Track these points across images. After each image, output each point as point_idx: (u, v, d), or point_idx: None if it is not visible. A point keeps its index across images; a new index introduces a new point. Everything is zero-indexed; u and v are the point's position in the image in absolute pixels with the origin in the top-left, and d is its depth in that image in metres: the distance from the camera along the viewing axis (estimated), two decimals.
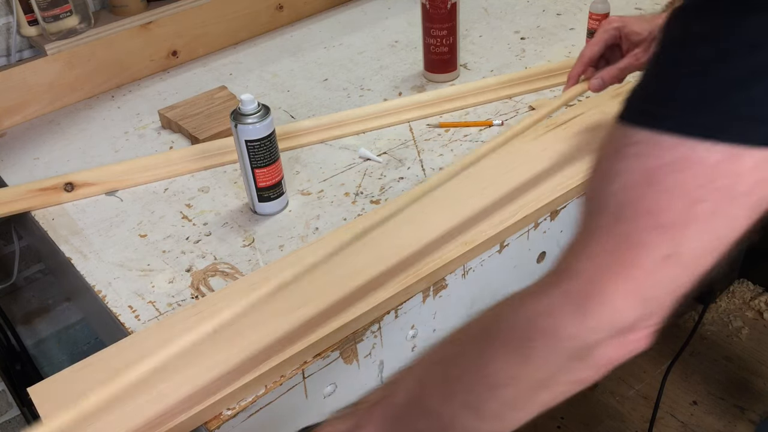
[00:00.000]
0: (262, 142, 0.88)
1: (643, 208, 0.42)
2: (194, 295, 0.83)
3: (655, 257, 0.42)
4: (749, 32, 0.39)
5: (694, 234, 0.42)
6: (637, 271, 0.43)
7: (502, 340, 0.48)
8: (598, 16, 1.23)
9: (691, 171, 0.41)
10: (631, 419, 1.68)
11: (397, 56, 1.31)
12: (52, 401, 0.69)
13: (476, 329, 0.51)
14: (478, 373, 0.49)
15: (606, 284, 0.43)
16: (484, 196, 0.90)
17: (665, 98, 0.42)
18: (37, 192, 1.00)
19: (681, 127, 0.41)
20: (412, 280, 0.80)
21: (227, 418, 0.69)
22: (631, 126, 0.43)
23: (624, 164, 0.43)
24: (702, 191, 0.41)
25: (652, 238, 0.42)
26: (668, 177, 0.41)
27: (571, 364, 0.46)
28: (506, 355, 0.47)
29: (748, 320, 1.88)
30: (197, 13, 1.33)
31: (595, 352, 0.46)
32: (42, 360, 1.49)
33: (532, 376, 0.47)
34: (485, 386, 0.49)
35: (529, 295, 0.48)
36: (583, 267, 0.45)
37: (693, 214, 0.41)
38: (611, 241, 0.43)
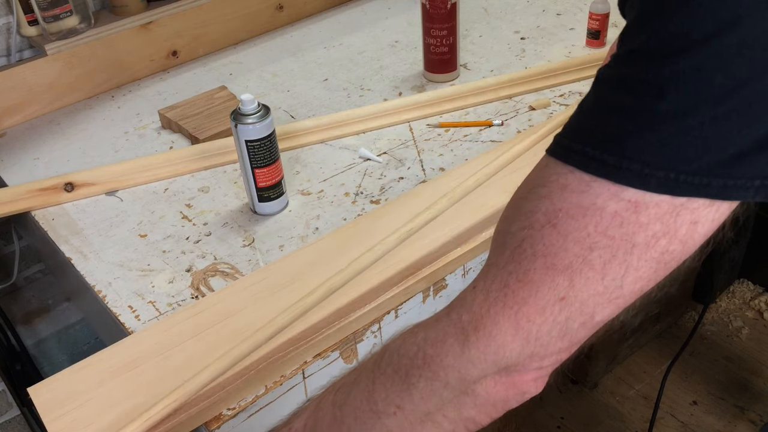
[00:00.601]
0: (262, 142, 0.88)
1: (540, 249, 0.43)
2: (194, 295, 0.83)
3: (548, 297, 0.43)
4: (658, 79, 0.39)
5: (588, 280, 0.42)
6: (527, 309, 0.43)
7: (391, 368, 0.48)
8: (598, 16, 1.23)
9: (590, 218, 0.41)
10: (631, 419, 1.68)
11: (397, 56, 1.31)
12: (52, 401, 0.69)
13: (372, 357, 0.51)
14: (366, 400, 0.49)
15: (493, 318, 0.44)
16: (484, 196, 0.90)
17: (580, 134, 0.43)
18: (37, 192, 1.00)
19: (593, 167, 0.41)
20: (412, 280, 0.80)
21: (227, 418, 0.70)
22: (553, 159, 0.44)
23: (532, 204, 0.44)
24: (597, 238, 0.41)
25: (546, 278, 0.43)
26: (567, 221, 0.42)
27: (456, 398, 0.46)
28: (393, 383, 0.47)
29: (748, 320, 1.88)
30: (197, 13, 1.33)
31: (479, 387, 0.46)
32: (42, 360, 1.49)
33: (417, 407, 0.47)
34: (371, 414, 0.48)
35: (423, 325, 0.48)
36: (475, 300, 0.45)
37: (587, 260, 0.42)
38: (506, 277, 0.44)
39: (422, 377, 0.46)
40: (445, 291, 0.85)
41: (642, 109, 0.40)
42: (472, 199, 0.90)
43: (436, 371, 0.46)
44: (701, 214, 0.40)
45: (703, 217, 0.41)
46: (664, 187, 0.39)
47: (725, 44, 0.37)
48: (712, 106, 0.38)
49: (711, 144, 0.38)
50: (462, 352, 0.45)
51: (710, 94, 0.38)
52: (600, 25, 1.24)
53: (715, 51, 0.37)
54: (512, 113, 1.11)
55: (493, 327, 0.44)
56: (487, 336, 0.44)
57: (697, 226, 0.41)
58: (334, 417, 0.51)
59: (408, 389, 0.47)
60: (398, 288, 0.79)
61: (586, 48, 1.27)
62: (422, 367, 0.46)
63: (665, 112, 0.39)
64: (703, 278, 1.78)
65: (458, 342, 0.45)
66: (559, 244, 0.42)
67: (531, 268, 0.43)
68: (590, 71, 1.18)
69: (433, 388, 0.46)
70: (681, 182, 0.39)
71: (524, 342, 0.44)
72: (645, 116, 0.40)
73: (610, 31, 1.28)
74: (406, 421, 0.48)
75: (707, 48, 0.37)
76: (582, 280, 0.42)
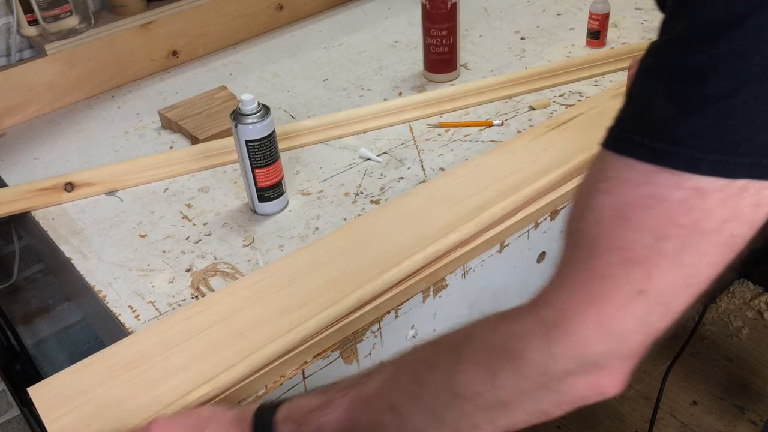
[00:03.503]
0: (262, 142, 0.88)
1: (613, 243, 0.43)
2: (194, 295, 0.83)
3: (626, 292, 0.43)
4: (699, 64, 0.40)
5: (664, 271, 0.42)
6: (607, 305, 0.43)
7: (474, 356, 0.49)
8: (598, 16, 1.23)
9: (657, 209, 0.42)
10: (631, 419, 1.68)
11: (397, 56, 1.31)
12: (52, 401, 0.69)
13: (453, 340, 0.52)
14: (446, 382, 0.50)
15: (576, 315, 0.44)
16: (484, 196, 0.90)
17: (630, 124, 0.44)
18: (37, 192, 1.00)
19: (646, 155, 0.42)
20: (412, 280, 0.80)
21: None
22: (607, 152, 0.45)
23: (597, 199, 0.44)
24: (667, 228, 0.42)
25: (623, 273, 0.43)
26: (635, 214, 0.42)
27: (536, 391, 0.47)
28: (475, 371, 0.48)
29: (748, 320, 1.88)
30: (197, 13, 1.33)
31: (562, 384, 0.46)
32: (42, 360, 1.49)
33: (496, 396, 0.48)
34: (450, 396, 0.49)
35: (505, 317, 0.49)
36: (556, 297, 0.45)
37: (660, 250, 0.42)
38: (584, 274, 0.44)
39: (505, 369, 0.47)
40: (445, 291, 0.85)
41: (687, 94, 0.41)
42: (472, 201, 0.90)
43: (518, 365, 0.46)
44: (763, 195, 0.41)
45: (764, 199, 0.41)
46: (717, 171, 0.40)
47: (759, 24, 0.38)
48: (753, 86, 0.39)
49: (756, 124, 0.39)
50: (545, 348, 0.45)
51: (750, 74, 0.39)
52: (600, 25, 1.24)
53: (750, 31, 0.38)
54: (512, 113, 1.11)
55: (576, 324, 0.44)
56: (570, 333, 0.44)
57: (759, 208, 0.41)
58: (411, 390, 0.52)
59: (490, 379, 0.48)
60: (398, 288, 0.79)
61: (586, 48, 1.27)
62: (506, 359, 0.47)
63: (709, 96, 0.40)
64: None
65: (542, 338, 0.45)
66: (631, 237, 0.43)
67: (608, 263, 0.43)
68: (590, 71, 1.18)
69: (514, 380, 0.47)
70: (731, 164, 0.40)
71: (607, 338, 0.44)
72: (691, 102, 0.41)
73: (610, 31, 1.28)
74: (483, 407, 0.49)
75: (742, 29, 0.39)
76: (658, 272, 0.42)
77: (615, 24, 1.33)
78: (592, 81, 1.17)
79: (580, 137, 0.99)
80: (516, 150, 0.98)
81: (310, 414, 0.57)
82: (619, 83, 1.11)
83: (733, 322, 1.88)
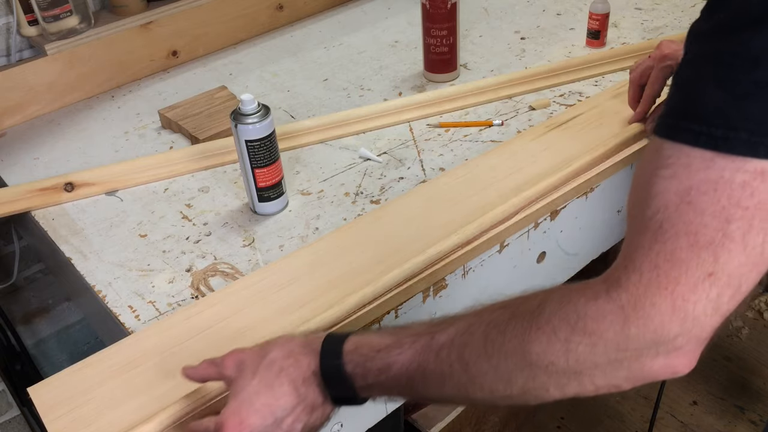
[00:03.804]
0: (262, 142, 0.88)
1: (681, 228, 0.45)
2: (194, 295, 0.83)
3: (697, 275, 0.45)
4: (750, 50, 0.42)
5: (731, 252, 0.44)
6: (680, 288, 0.45)
7: (549, 327, 0.51)
8: (598, 16, 1.23)
9: (721, 192, 0.43)
10: (631, 419, 1.68)
11: (397, 56, 1.31)
12: (52, 401, 0.69)
13: (526, 308, 0.54)
14: (520, 347, 0.52)
15: (651, 298, 0.46)
16: (484, 196, 0.90)
17: (684, 112, 0.46)
18: (37, 192, 1.00)
19: (704, 142, 0.44)
20: (412, 281, 0.80)
21: None
22: (663, 140, 0.46)
23: (660, 186, 0.46)
24: (732, 211, 0.43)
25: (693, 256, 0.45)
26: (700, 198, 0.44)
27: (609, 366, 0.49)
28: (550, 342, 0.50)
29: (748, 320, 1.88)
30: (197, 13, 1.33)
31: (635, 363, 0.49)
32: (42, 360, 1.49)
33: (569, 367, 0.50)
34: (523, 362, 0.52)
35: (580, 294, 0.50)
36: (630, 280, 0.47)
37: (726, 233, 0.44)
38: (655, 258, 0.46)
39: (581, 344, 0.49)
40: (445, 291, 0.85)
41: (738, 80, 0.43)
42: (472, 201, 0.90)
43: (595, 342, 0.49)
44: None
45: None
46: None
47: None
48: None
49: None
50: (622, 330, 0.47)
51: None
52: (600, 25, 1.24)
53: None
54: (512, 113, 1.11)
55: (651, 308, 0.46)
56: (646, 316, 0.46)
57: None
58: (484, 350, 0.54)
59: (565, 353, 0.50)
60: (398, 288, 0.79)
61: (586, 48, 1.27)
62: (582, 335, 0.49)
63: (759, 82, 0.42)
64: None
65: (618, 320, 0.47)
66: (698, 221, 0.44)
67: (677, 248, 0.45)
68: (590, 71, 1.18)
69: (589, 355, 0.49)
70: None
71: (682, 321, 0.46)
72: (743, 87, 0.42)
73: (610, 31, 1.28)
74: (555, 374, 0.51)
75: None
76: (726, 254, 0.44)
77: (615, 24, 1.33)
78: (592, 81, 1.17)
79: (580, 137, 0.99)
80: (516, 150, 0.98)
81: (378, 351, 0.59)
82: (619, 83, 1.11)
83: (733, 322, 1.88)
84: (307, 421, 0.61)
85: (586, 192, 0.94)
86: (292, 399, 0.60)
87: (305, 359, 0.61)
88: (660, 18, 1.35)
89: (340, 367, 0.60)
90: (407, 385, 0.59)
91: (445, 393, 0.57)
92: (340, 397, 0.62)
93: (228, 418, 0.59)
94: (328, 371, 0.60)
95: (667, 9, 1.38)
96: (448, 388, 0.57)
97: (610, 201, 1.00)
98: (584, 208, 0.95)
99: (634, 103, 0.98)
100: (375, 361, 0.59)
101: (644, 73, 0.95)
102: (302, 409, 0.61)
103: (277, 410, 0.60)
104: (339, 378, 0.60)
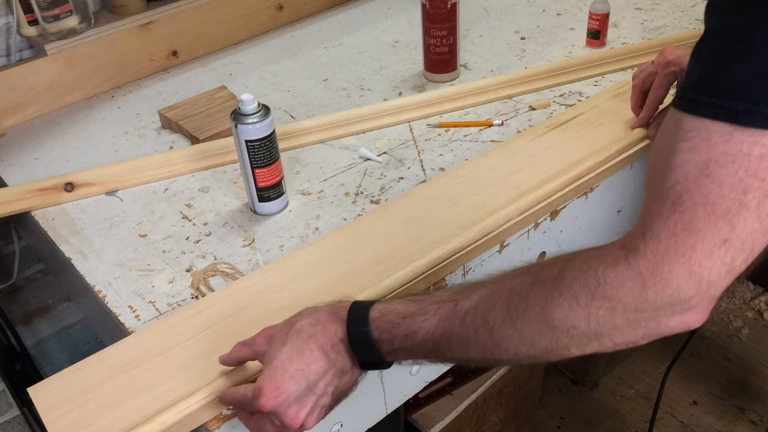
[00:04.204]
0: (262, 142, 0.88)
1: (699, 198, 0.48)
2: (194, 295, 0.83)
3: (713, 242, 0.48)
4: None
5: (746, 221, 0.47)
6: (697, 255, 0.48)
7: (571, 293, 0.54)
8: (598, 16, 1.23)
9: (739, 164, 0.46)
10: (631, 419, 1.68)
11: (397, 56, 1.31)
12: (52, 401, 0.69)
13: (547, 275, 0.56)
14: (542, 313, 0.55)
15: (669, 265, 0.49)
16: (484, 196, 0.90)
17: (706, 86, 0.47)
18: (37, 192, 1.00)
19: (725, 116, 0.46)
20: (413, 281, 0.80)
21: (227, 418, 0.70)
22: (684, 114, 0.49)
23: (679, 158, 0.49)
24: (749, 182, 0.46)
25: (710, 225, 0.47)
26: (718, 170, 0.47)
27: (628, 327, 0.53)
28: (571, 307, 0.53)
29: (748, 320, 1.88)
30: (197, 13, 1.33)
31: (652, 322, 0.52)
32: (42, 360, 1.49)
33: (590, 329, 0.53)
34: (546, 326, 0.55)
35: (599, 260, 0.53)
36: (649, 247, 0.50)
37: (743, 203, 0.47)
38: (673, 227, 0.49)
39: (602, 308, 0.52)
40: None
41: (761, 55, 0.44)
42: (472, 201, 0.90)
43: (615, 307, 0.52)
44: None
45: None
46: None
47: None
48: None
49: None
50: (641, 294, 0.51)
51: None
52: (600, 25, 1.24)
53: None
54: (512, 113, 1.11)
55: (669, 273, 0.49)
56: (664, 282, 0.49)
57: None
58: (508, 316, 0.57)
59: (587, 317, 0.53)
60: (399, 289, 0.79)
61: (586, 48, 1.27)
62: (602, 300, 0.52)
63: None
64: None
65: (637, 286, 0.50)
66: (716, 192, 0.47)
67: (694, 217, 0.48)
68: (590, 71, 1.18)
69: (608, 318, 0.52)
70: None
71: (697, 285, 0.49)
72: (765, 62, 0.44)
73: (610, 31, 1.28)
74: (576, 337, 0.54)
75: None
76: (741, 222, 0.47)
77: (615, 24, 1.33)
78: (592, 81, 1.17)
79: (580, 137, 0.99)
80: (516, 150, 0.98)
81: (404, 318, 0.62)
82: (619, 83, 1.11)
83: (733, 322, 1.88)
84: (337, 385, 0.64)
85: (586, 192, 0.94)
86: (323, 364, 0.62)
87: (332, 326, 0.64)
88: (660, 18, 1.35)
89: (367, 334, 0.63)
90: (433, 350, 0.61)
91: (470, 356, 0.60)
92: (367, 362, 0.64)
93: (264, 384, 0.61)
94: (355, 338, 0.63)
95: (667, 9, 1.38)
96: (474, 351, 0.60)
97: (610, 201, 1.00)
98: (584, 208, 0.96)
99: (637, 109, 0.98)
100: (401, 327, 0.62)
101: (647, 79, 0.95)
102: (333, 373, 0.63)
103: (310, 375, 0.62)
104: (366, 344, 0.63)
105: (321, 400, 0.63)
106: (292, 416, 0.61)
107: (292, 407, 0.61)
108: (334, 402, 0.64)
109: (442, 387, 1.36)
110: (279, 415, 0.61)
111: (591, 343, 0.54)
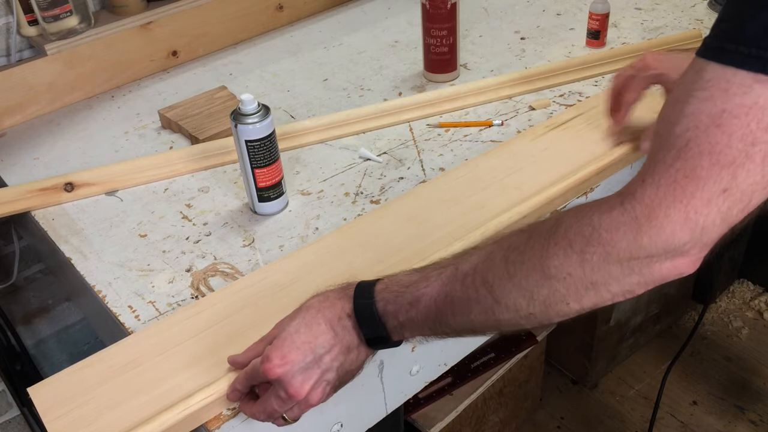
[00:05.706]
0: (262, 142, 0.88)
1: (706, 147, 0.48)
2: (194, 295, 0.83)
3: (713, 190, 0.48)
4: None
5: (750, 172, 0.47)
6: (695, 202, 0.49)
7: (566, 241, 0.54)
8: (598, 16, 1.23)
9: (752, 116, 0.46)
10: (631, 419, 1.68)
11: (397, 56, 1.31)
12: (52, 401, 0.69)
13: (543, 228, 0.57)
14: (539, 264, 0.56)
15: (665, 210, 0.49)
16: (484, 196, 0.90)
17: (732, 34, 0.47)
18: (37, 192, 1.00)
19: (752, 64, 0.46)
20: None
21: (227, 418, 0.70)
22: (707, 62, 0.49)
23: (694, 106, 0.49)
24: (759, 134, 0.46)
25: (712, 173, 0.48)
26: (731, 121, 0.47)
27: (623, 274, 0.53)
28: (567, 254, 0.54)
29: (748, 320, 1.88)
30: (197, 13, 1.33)
31: (645, 268, 0.52)
32: (42, 360, 1.49)
33: (586, 277, 0.54)
34: (543, 276, 0.55)
35: (595, 208, 0.54)
36: (646, 193, 0.50)
37: (749, 154, 0.47)
38: (675, 173, 0.49)
39: (596, 254, 0.53)
40: None
41: None
42: (472, 201, 0.90)
43: (609, 252, 0.52)
44: None
45: None
46: None
47: None
48: None
49: None
50: (635, 239, 0.51)
51: None
52: (600, 25, 1.24)
53: None
54: (512, 113, 1.11)
55: (665, 218, 0.50)
56: (659, 227, 0.50)
57: None
58: (506, 271, 0.58)
59: (581, 263, 0.53)
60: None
61: (586, 48, 1.27)
62: (597, 246, 0.53)
63: None
64: (702, 278, 1.78)
65: (632, 230, 0.51)
66: (724, 142, 0.47)
67: (698, 166, 0.48)
68: (590, 71, 1.18)
69: (603, 265, 0.53)
70: None
71: (692, 231, 0.50)
72: None
73: (610, 31, 1.28)
74: (573, 286, 0.55)
75: None
76: (744, 173, 0.47)
77: (615, 24, 1.33)
78: (592, 81, 1.17)
79: (580, 137, 0.99)
80: (516, 150, 0.98)
81: (407, 287, 0.63)
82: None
83: (733, 322, 1.88)
84: (343, 361, 0.64)
85: (586, 192, 0.94)
86: (329, 337, 0.64)
87: (340, 302, 0.65)
88: (660, 18, 1.35)
89: (372, 305, 0.64)
90: (436, 318, 0.62)
91: (473, 320, 0.60)
92: (373, 338, 0.65)
93: (271, 352, 0.63)
94: (361, 311, 0.64)
95: (667, 9, 1.38)
96: (476, 313, 0.60)
97: None
98: None
99: (613, 113, 0.95)
100: (405, 296, 0.63)
101: (626, 83, 0.92)
102: (339, 348, 0.64)
103: (317, 347, 0.63)
104: (371, 317, 0.64)
105: (326, 375, 0.63)
106: (297, 386, 0.62)
107: (297, 377, 0.62)
108: (338, 380, 0.65)
109: (442, 387, 1.36)
110: (284, 383, 0.62)
111: (588, 293, 0.55)
